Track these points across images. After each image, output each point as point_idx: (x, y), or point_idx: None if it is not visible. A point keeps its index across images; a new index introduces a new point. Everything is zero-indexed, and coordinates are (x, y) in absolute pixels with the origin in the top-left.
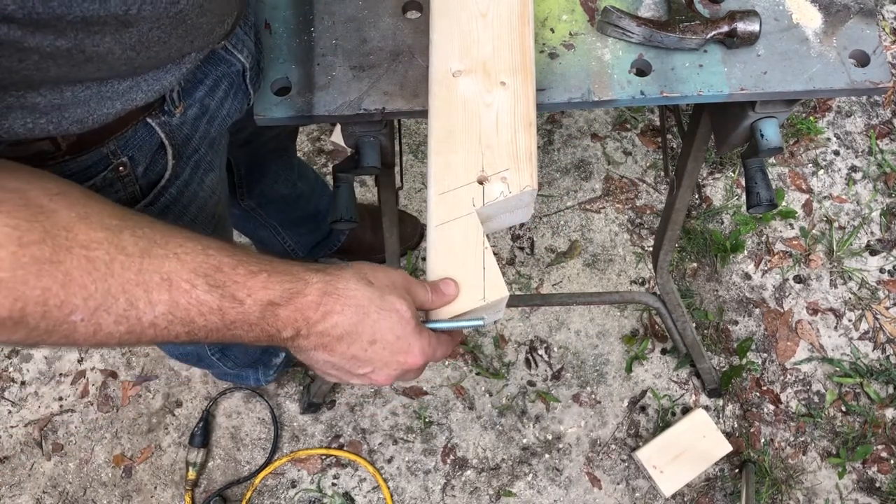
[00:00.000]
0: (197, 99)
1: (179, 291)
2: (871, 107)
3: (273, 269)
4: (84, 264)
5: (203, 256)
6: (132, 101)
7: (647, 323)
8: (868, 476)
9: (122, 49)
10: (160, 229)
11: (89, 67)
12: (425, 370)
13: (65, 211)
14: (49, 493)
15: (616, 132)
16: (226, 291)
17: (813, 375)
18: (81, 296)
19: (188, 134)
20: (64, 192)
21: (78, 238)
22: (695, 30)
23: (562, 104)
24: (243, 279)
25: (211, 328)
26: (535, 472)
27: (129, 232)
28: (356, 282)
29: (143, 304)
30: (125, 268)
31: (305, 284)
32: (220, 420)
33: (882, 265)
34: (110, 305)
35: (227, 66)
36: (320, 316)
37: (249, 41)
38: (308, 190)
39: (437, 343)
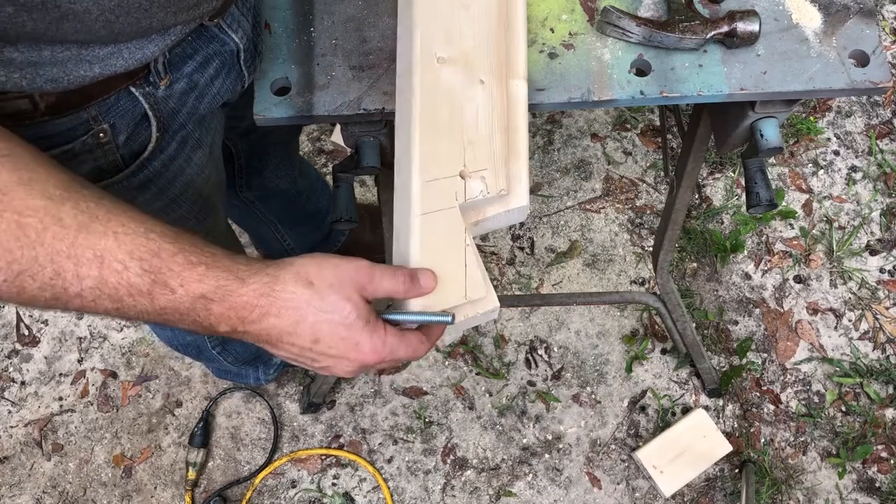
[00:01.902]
0: (185, 74)
1: (110, 271)
2: (871, 107)
3: (213, 263)
4: (13, 229)
5: (143, 239)
6: (112, 66)
7: (647, 323)
8: (868, 476)
9: (99, 10)
10: (106, 206)
11: (66, 26)
12: (426, 370)
13: (6, 174)
14: (49, 493)
15: (616, 132)
16: (158, 278)
17: (813, 375)
18: (5, 259)
19: (174, 108)
20: (12, 154)
21: (13, 203)
22: (694, 30)
23: (561, 104)
24: (179, 268)
25: (140, 309)
26: (535, 472)
27: (70, 204)
28: (294, 283)
29: (70, 276)
30: (57, 239)
31: (241, 284)
32: (220, 420)
33: (882, 265)
34: (36, 272)
35: (219, 45)
36: (256, 317)
37: (246, 23)
38: (308, 187)
39: (399, 341)
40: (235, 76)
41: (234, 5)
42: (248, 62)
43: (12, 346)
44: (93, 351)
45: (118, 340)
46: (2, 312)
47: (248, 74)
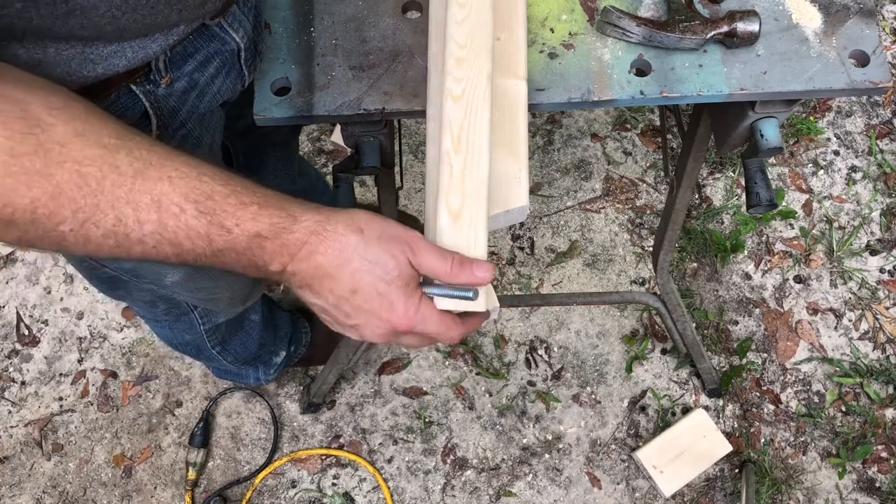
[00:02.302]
0: (185, 72)
1: (168, 214)
2: (871, 107)
3: (265, 202)
4: (75, 179)
5: (196, 182)
6: (114, 66)
7: (647, 323)
8: (868, 476)
9: (107, 6)
10: (158, 152)
11: (73, 21)
12: (426, 370)
13: (62, 126)
14: (49, 493)
15: (616, 132)
16: (214, 219)
17: (813, 375)
18: (70, 208)
19: (175, 106)
20: (66, 107)
21: (72, 153)
22: (694, 30)
23: (561, 104)
24: (233, 209)
25: (199, 252)
26: (535, 472)
27: (125, 152)
28: (345, 226)
29: (131, 222)
30: (116, 186)
31: (294, 221)
32: (220, 420)
33: (882, 265)
34: (99, 220)
35: (220, 44)
36: (305, 254)
37: (247, 22)
38: (308, 188)
39: (432, 313)
40: (236, 75)
41: (235, 4)
42: (248, 61)
43: (12, 346)
44: (93, 351)
45: (118, 340)
46: (2, 312)
47: (249, 74)
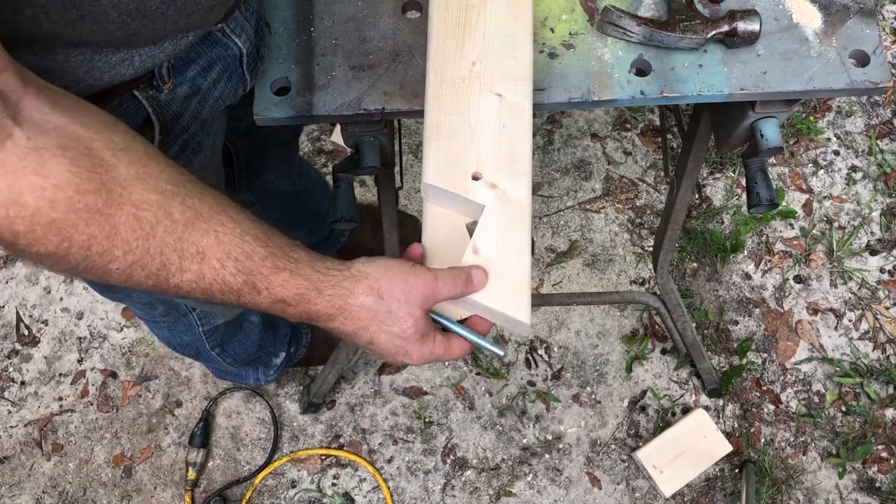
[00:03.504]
0: (188, 78)
1: (209, 267)
2: (871, 107)
3: (296, 270)
4: (131, 221)
5: (239, 241)
6: (121, 74)
7: (647, 323)
8: (868, 476)
9: (117, 12)
10: (209, 203)
11: (83, 27)
12: (426, 370)
13: (124, 167)
14: (49, 493)
15: (616, 132)
16: (248, 279)
17: (813, 375)
18: (122, 249)
19: (177, 112)
20: (128, 148)
21: (132, 196)
22: (695, 29)
23: (562, 104)
24: (267, 272)
25: (225, 300)
26: (535, 472)
27: (179, 199)
28: (366, 296)
29: (174, 269)
30: (167, 233)
31: (318, 294)
32: (220, 420)
33: (882, 265)
34: (146, 263)
35: (223, 49)
36: (325, 320)
37: (249, 27)
38: (308, 188)
39: (444, 350)
40: (238, 80)
41: (237, 10)
42: (250, 66)
43: (12, 346)
44: (93, 351)
45: (118, 340)
46: (2, 312)
47: (251, 78)
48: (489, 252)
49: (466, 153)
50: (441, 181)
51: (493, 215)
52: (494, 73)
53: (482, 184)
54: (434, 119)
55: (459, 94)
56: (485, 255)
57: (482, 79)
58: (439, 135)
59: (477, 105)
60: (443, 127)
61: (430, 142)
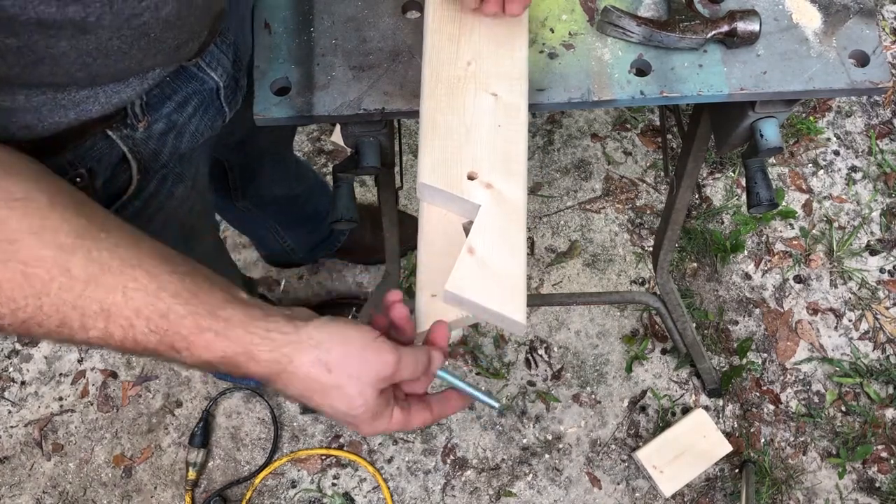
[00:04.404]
0: (164, 114)
1: (115, 326)
2: (871, 107)
3: (224, 331)
4: (18, 279)
5: (152, 298)
6: (87, 111)
7: (647, 323)
8: (868, 476)
9: (77, 54)
10: (121, 255)
11: (42, 70)
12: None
13: (16, 222)
14: (49, 493)
15: (616, 132)
16: (164, 338)
17: (813, 375)
18: (9, 307)
19: (155, 149)
20: (27, 199)
21: (19, 253)
22: (695, 29)
23: (562, 104)
24: (187, 332)
25: (146, 356)
26: (535, 472)
27: (82, 253)
28: (310, 367)
29: (76, 326)
30: (63, 290)
31: (250, 359)
32: (220, 420)
33: (882, 265)
34: (42, 321)
35: (198, 84)
36: (264, 382)
37: (226, 59)
38: (305, 191)
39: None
40: (215, 112)
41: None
42: (228, 98)
43: (12, 346)
44: (93, 351)
45: None
46: None
47: (229, 109)
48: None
49: (462, 153)
50: (436, 181)
51: (489, 215)
52: (490, 73)
53: (477, 183)
54: (429, 118)
55: (455, 93)
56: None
57: (477, 78)
58: (434, 134)
59: (472, 105)
60: (438, 126)
61: (425, 141)
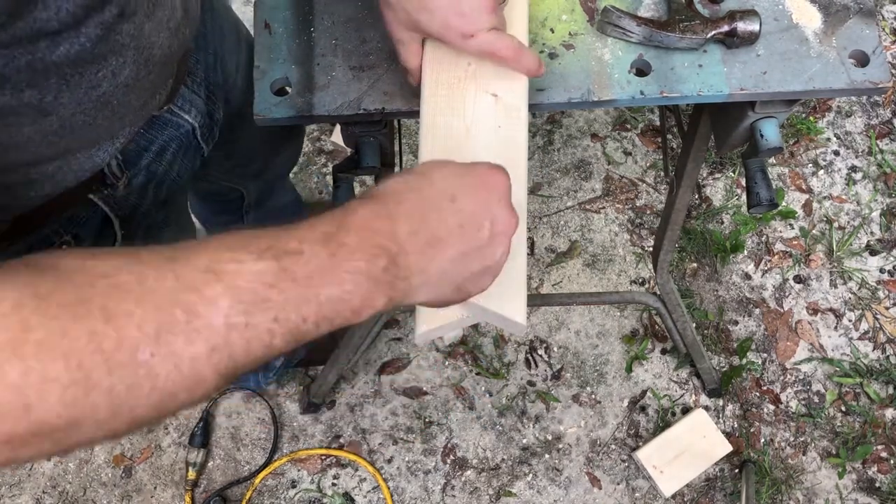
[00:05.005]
0: (142, 167)
1: (229, 274)
2: (871, 107)
3: (307, 222)
4: (114, 293)
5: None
6: (62, 182)
7: (647, 323)
8: (868, 476)
9: (42, 136)
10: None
11: (8, 156)
12: (426, 370)
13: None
14: (49, 493)
15: (616, 132)
16: (277, 250)
17: (813, 375)
18: (133, 323)
19: (135, 203)
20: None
21: (95, 270)
22: (695, 29)
23: (562, 104)
24: (286, 233)
25: (291, 298)
26: (535, 472)
27: (143, 251)
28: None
29: (203, 307)
30: (160, 278)
31: (347, 209)
32: (220, 420)
33: (882, 265)
34: (170, 323)
35: (174, 129)
36: (386, 223)
37: (199, 99)
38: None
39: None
40: (194, 152)
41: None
42: (205, 136)
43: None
44: None
45: None
46: None
47: (207, 146)
48: None
49: (462, 153)
50: None
51: None
52: (490, 74)
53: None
54: (429, 119)
55: (455, 94)
56: None
57: (477, 79)
58: (434, 135)
59: (472, 105)
60: (438, 127)
61: (425, 142)
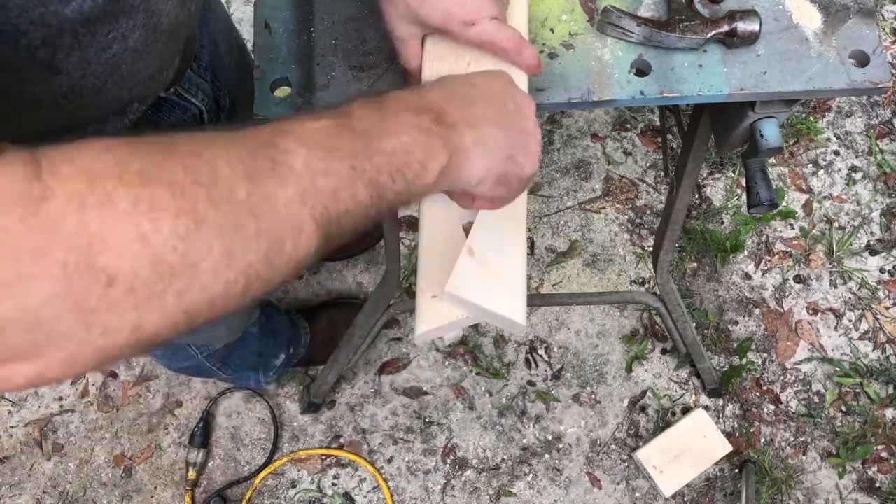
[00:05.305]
0: None
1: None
2: (871, 107)
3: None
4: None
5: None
6: None
7: (647, 323)
8: (868, 476)
9: (52, 97)
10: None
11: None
12: (426, 370)
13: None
14: (49, 493)
15: (616, 132)
16: (329, 113)
17: (813, 375)
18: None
19: None
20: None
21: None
22: (695, 29)
23: (562, 104)
24: (329, 106)
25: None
26: (535, 472)
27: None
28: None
29: (281, 156)
30: (233, 139)
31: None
32: (220, 420)
33: (882, 265)
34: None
35: (181, 112)
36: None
37: (205, 83)
38: None
39: None
40: None
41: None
42: (212, 120)
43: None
44: None
45: None
46: None
47: None
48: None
49: None
50: None
51: (489, 216)
52: None
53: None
54: None
55: None
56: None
57: None
58: None
59: None
60: None
61: None
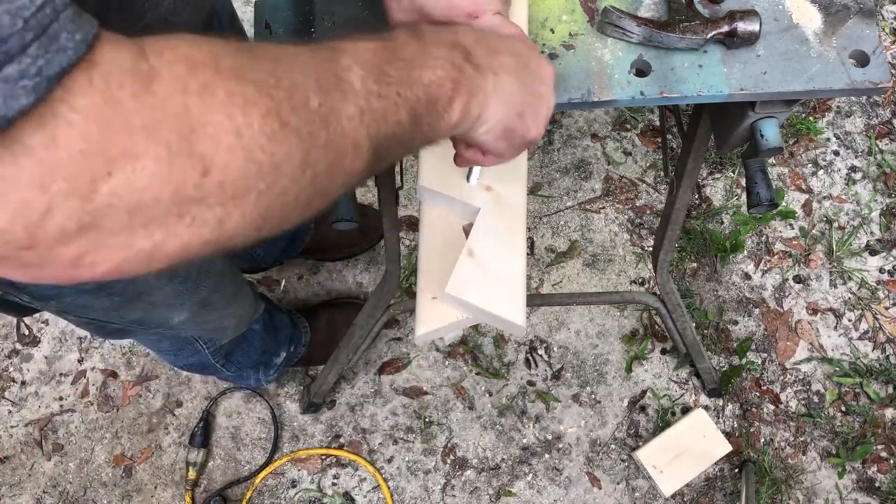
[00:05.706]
0: None
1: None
2: (870, 107)
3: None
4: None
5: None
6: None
7: (647, 323)
8: (868, 476)
9: None
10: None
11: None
12: (426, 370)
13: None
14: (49, 493)
15: (616, 132)
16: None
17: (813, 375)
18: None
19: None
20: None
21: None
22: (695, 30)
23: (562, 104)
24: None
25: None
26: (535, 471)
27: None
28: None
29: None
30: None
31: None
32: (220, 420)
33: (882, 265)
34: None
35: None
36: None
37: None
38: None
39: None
40: None
41: None
42: None
43: (12, 346)
44: (93, 351)
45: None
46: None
47: None
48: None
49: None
50: (436, 184)
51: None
52: None
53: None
54: None
55: None
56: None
57: None
58: None
59: None
60: None
61: None
